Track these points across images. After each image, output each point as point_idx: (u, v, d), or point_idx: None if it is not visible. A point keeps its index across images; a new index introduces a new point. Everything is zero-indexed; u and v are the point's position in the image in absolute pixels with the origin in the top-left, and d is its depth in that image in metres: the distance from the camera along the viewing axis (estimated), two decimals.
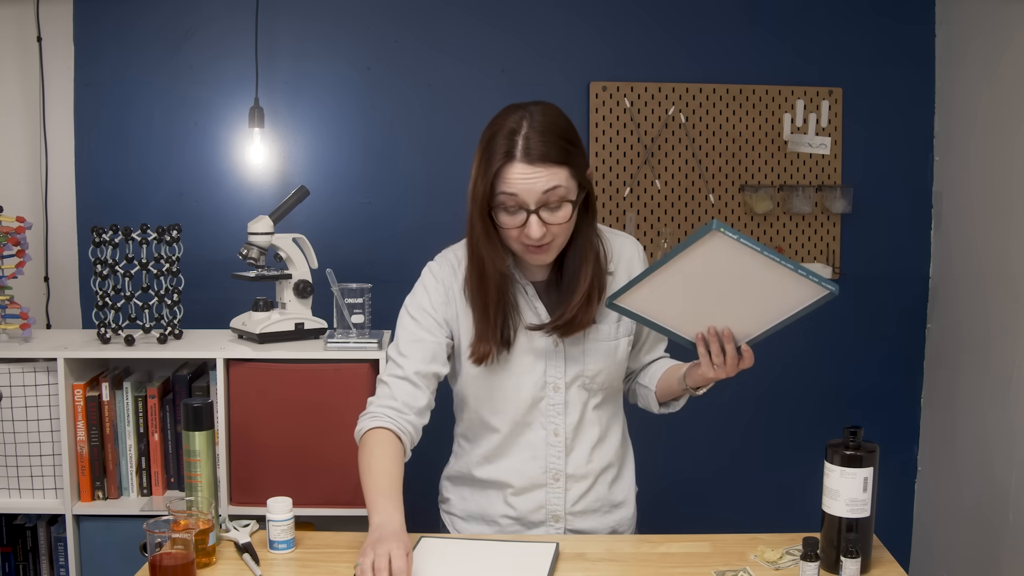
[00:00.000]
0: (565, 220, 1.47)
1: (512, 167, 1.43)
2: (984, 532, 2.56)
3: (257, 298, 2.31)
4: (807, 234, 2.88)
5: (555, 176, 1.44)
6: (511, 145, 1.44)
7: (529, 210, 1.45)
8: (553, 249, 1.51)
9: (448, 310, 1.61)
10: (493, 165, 1.44)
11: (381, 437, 1.53)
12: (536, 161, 1.43)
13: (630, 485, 1.74)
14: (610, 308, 1.48)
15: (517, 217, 1.46)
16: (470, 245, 1.54)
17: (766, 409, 2.94)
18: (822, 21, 2.83)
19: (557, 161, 1.44)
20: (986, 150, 2.62)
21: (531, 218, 1.45)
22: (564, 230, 1.49)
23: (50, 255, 2.67)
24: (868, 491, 1.44)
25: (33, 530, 2.26)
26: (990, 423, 2.56)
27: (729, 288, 1.40)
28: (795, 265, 1.34)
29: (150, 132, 2.69)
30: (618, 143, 2.80)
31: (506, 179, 1.44)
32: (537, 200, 1.44)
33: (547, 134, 1.44)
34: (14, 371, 2.14)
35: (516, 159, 1.43)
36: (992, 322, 2.57)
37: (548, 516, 1.64)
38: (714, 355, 1.47)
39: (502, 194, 1.45)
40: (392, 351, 1.61)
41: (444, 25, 2.75)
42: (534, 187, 1.43)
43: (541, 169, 1.43)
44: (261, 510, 1.61)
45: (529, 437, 1.62)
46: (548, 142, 1.43)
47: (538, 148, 1.43)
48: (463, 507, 1.71)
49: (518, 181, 1.43)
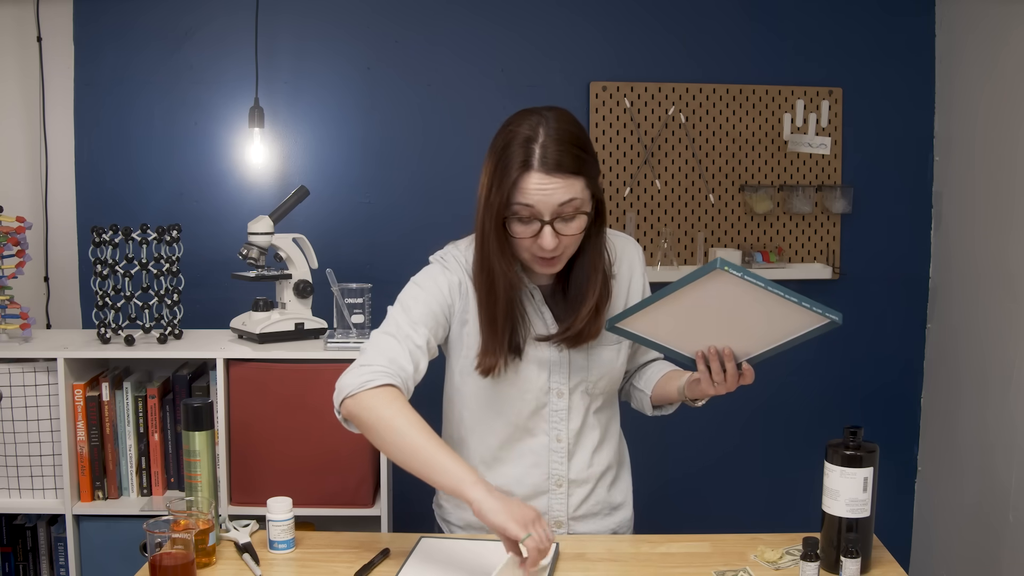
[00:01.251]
0: (578, 232, 1.46)
1: (529, 177, 1.41)
2: (984, 532, 2.56)
3: (257, 298, 2.31)
4: (807, 234, 2.88)
5: (571, 188, 1.42)
6: (528, 154, 1.41)
7: (544, 221, 1.42)
8: (562, 261, 1.49)
9: (457, 302, 1.56)
10: (510, 175, 1.41)
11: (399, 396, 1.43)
12: (553, 171, 1.40)
13: (628, 486, 1.73)
14: (610, 331, 1.47)
15: (531, 227, 1.44)
16: (481, 256, 1.50)
17: (766, 409, 2.94)
18: (822, 21, 2.83)
19: (573, 171, 1.42)
20: (986, 150, 2.62)
21: (545, 229, 1.43)
22: (575, 241, 1.48)
23: (50, 255, 2.67)
24: (868, 491, 1.44)
25: (33, 530, 2.26)
26: (990, 423, 2.56)
27: (731, 316, 1.39)
28: (799, 298, 1.33)
29: (150, 132, 2.69)
30: (618, 143, 2.80)
31: (523, 189, 1.41)
32: (552, 212, 1.42)
33: (563, 143, 1.41)
34: (14, 371, 2.14)
35: (533, 168, 1.40)
36: (992, 322, 2.57)
37: (550, 522, 1.63)
38: (714, 373, 1.45)
39: (517, 204, 1.42)
40: (395, 309, 1.53)
41: (444, 25, 2.75)
42: (550, 199, 1.41)
43: (558, 180, 1.40)
44: (261, 510, 1.61)
45: (531, 443, 1.61)
46: (564, 151, 1.41)
47: (555, 157, 1.40)
48: (459, 515, 1.68)
49: (535, 192, 1.41)
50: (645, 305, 1.40)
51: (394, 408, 1.41)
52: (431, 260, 1.61)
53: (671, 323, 1.42)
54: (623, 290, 1.63)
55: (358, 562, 1.51)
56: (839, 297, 2.92)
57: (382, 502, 2.19)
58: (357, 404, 1.42)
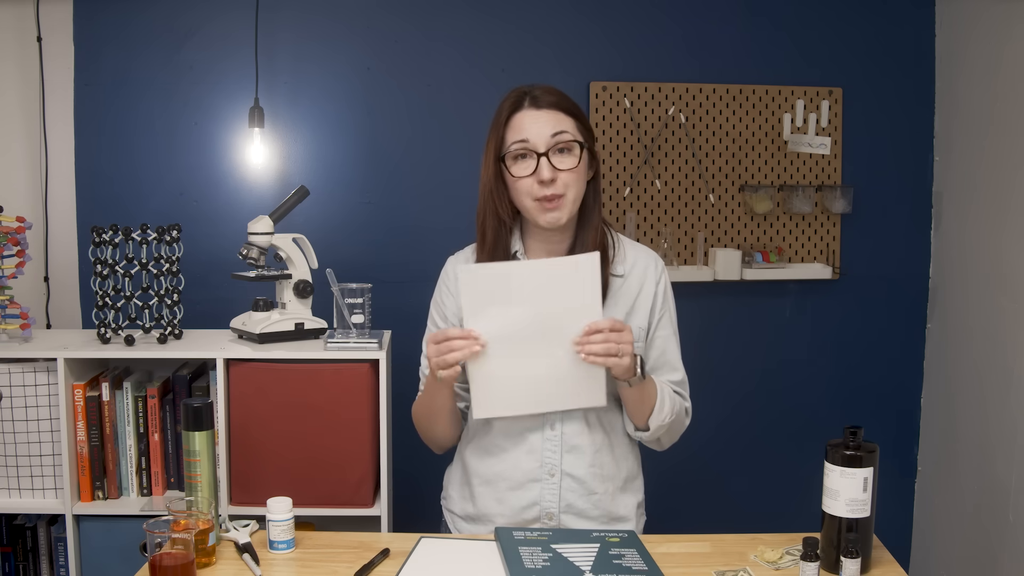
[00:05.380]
0: (575, 165, 1.55)
1: (521, 114, 1.55)
2: (984, 532, 2.56)
3: (257, 298, 2.31)
4: (807, 234, 2.88)
5: (562, 122, 1.55)
6: (519, 100, 1.57)
7: (539, 153, 1.53)
8: (566, 204, 1.56)
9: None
10: (503, 117, 1.57)
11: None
12: (543, 107, 1.55)
13: (634, 501, 1.71)
14: None
15: (528, 163, 1.54)
16: (482, 203, 1.60)
17: (766, 409, 2.94)
18: (822, 21, 2.83)
19: (563, 108, 1.56)
20: (986, 150, 2.62)
21: (541, 160, 1.53)
22: (575, 179, 1.56)
23: (50, 255, 2.67)
24: (868, 491, 1.44)
25: (33, 530, 2.26)
26: (990, 423, 2.56)
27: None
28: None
29: (150, 132, 2.68)
30: (618, 143, 2.80)
31: (516, 126, 1.55)
32: (547, 143, 1.53)
33: (551, 91, 1.58)
34: (14, 371, 2.14)
35: (524, 107, 1.56)
36: (992, 322, 2.57)
37: (542, 513, 1.64)
38: (593, 347, 1.48)
39: (514, 143, 1.55)
40: (424, 345, 1.69)
41: (444, 25, 2.75)
42: (543, 130, 1.53)
43: (547, 112, 1.55)
44: (261, 510, 1.61)
45: (525, 431, 1.63)
46: (552, 93, 1.57)
47: (544, 97, 1.56)
48: (462, 506, 1.72)
49: (528, 126, 1.54)
50: None
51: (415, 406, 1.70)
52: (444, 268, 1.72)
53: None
54: (630, 295, 1.64)
55: (358, 562, 1.51)
56: (839, 297, 2.92)
57: (382, 502, 2.19)
58: (417, 423, 1.70)
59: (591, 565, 1.44)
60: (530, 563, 1.43)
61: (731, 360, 2.92)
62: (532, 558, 1.45)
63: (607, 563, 1.45)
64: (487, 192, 1.59)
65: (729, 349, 2.92)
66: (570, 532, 1.60)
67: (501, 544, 1.51)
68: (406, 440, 2.02)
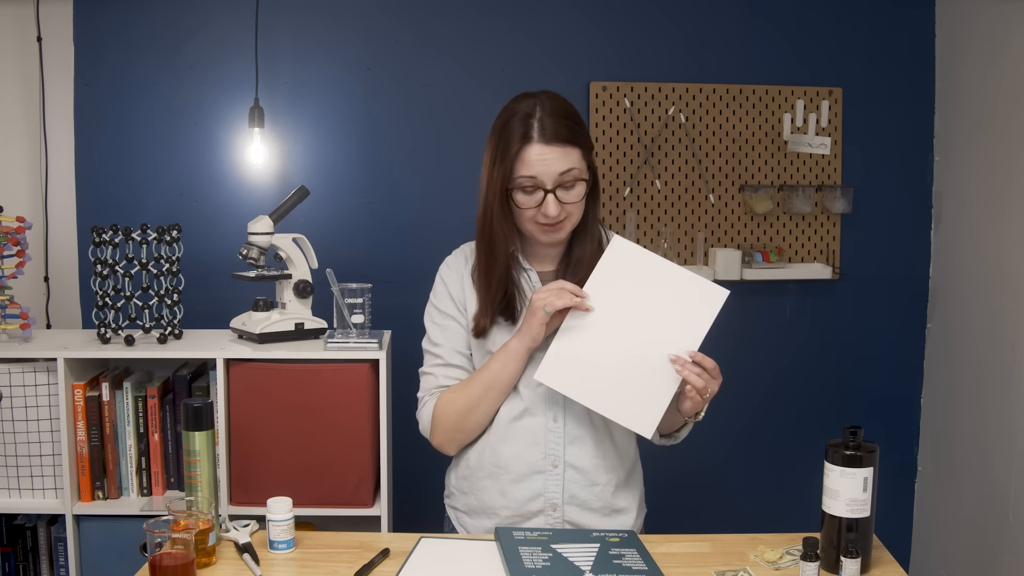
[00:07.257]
0: (579, 199, 1.57)
1: (530, 149, 1.53)
2: (984, 532, 2.56)
3: (257, 298, 2.31)
4: (807, 234, 2.88)
5: (569, 157, 1.54)
6: (527, 128, 1.53)
7: (546, 189, 1.54)
8: (567, 226, 1.59)
9: (464, 295, 1.67)
10: (512, 147, 1.54)
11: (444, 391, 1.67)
12: (552, 141, 1.53)
13: (635, 495, 1.72)
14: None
15: (534, 197, 1.55)
16: (482, 225, 1.61)
17: (766, 409, 2.94)
18: (822, 21, 2.83)
19: (569, 141, 1.54)
20: (986, 150, 2.62)
21: (548, 197, 1.54)
22: (577, 208, 1.59)
23: (50, 255, 2.67)
24: (868, 491, 1.45)
25: (33, 530, 2.26)
26: (990, 423, 2.56)
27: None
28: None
29: (150, 132, 2.69)
30: (618, 143, 2.80)
31: (525, 161, 1.53)
32: (554, 180, 1.54)
33: (559, 117, 1.54)
34: (14, 371, 2.14)
35: (534, 140, 1.53)
36: (992, 322, 2.57)
37: (546, 504, 1.64)
38: (693, 373, 1.53)
39: (521, 177, 1.54)
40: (425, 344, 1.71)
41: (444, 25, 2.75)
42: (551, 168, 1.53)
43: (557, 149, 1.53)
44: (261, 510, 1.61)
45: (530, 423, 1.63)
46: (560, 124, 1.54)
47: (552, 129, 1.53)
48: (465, 502, 1.72)
49: (536, 163, 1.53)
50: None
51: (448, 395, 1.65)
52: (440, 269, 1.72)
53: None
54: None
55: (358, 562, 1.51)
56: (839, 297, 2.92)
57: (382, 502, 2.19)
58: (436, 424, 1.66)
59: (591, 565, 1.44)
60: (530, 563, 1.44)
61: (731, 360, 2.90)
62: (532, 558, 1.45)
63: (607, 563, 1.45)
64: (490, 213, 1.59)
65: (729, 349, 2.91)
66: (570, 532, 1.60)
67: (501, 544, 1.51)
68: (406, 440, 2.02)
